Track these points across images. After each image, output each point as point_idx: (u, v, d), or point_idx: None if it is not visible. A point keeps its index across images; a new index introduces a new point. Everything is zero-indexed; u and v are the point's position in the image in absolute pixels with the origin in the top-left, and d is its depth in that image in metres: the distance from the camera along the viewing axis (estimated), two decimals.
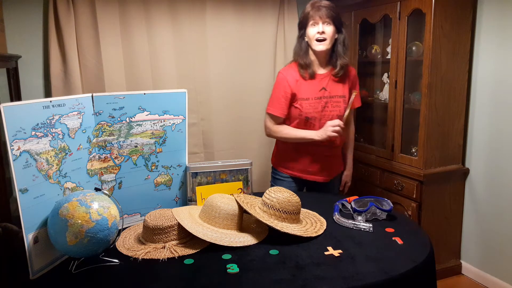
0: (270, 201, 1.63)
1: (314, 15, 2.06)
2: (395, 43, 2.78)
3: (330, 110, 2.16)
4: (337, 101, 2.17)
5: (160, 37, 2.88)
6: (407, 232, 1.65)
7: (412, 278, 1.37)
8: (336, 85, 2.17)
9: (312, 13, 2.06)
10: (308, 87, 2.14)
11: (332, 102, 2.16)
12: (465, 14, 2.61)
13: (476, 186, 2.78)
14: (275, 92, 2.18)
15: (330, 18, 2.06)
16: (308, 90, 2.13)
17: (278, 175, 2.33)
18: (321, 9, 2.05)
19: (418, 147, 2.72)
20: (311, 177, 2.27)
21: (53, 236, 1.37)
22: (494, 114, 2.63)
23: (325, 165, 2.26)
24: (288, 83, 2.13)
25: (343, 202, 1.90)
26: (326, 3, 2.08)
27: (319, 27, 2.06)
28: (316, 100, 2.13)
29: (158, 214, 1.60)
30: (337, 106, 2.17)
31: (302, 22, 2.14)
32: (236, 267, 1.38)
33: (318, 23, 2.06)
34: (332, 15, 2.06)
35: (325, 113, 2.15)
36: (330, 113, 2.16)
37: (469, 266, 2.89)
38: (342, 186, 2.45)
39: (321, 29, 2.05)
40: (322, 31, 2.05)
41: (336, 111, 2.16)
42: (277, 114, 2.16)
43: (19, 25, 2.60)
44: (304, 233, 1.59)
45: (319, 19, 2.05)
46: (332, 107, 2.16)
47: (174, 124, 1.86)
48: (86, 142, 1.63)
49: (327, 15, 2.05)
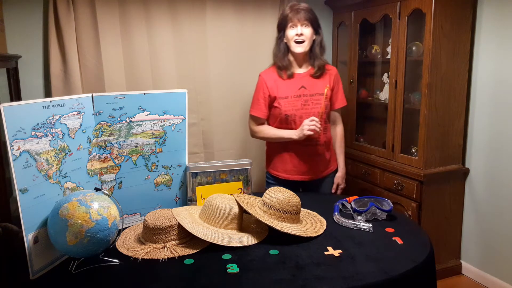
0: (270, 201, 1.63)
1: (293, 18, 2.12)
2: (395, 43, 2.78)
3: (311, 108, 2.19)
4: (318, 99, 2.19)
5: (160, 37, 2.88)
6: (407, 232, 1.65)
7: (412, 278, 1.37)
8: (315, 83, 2.21)
9: (291, 15, 2.13)
10: (287, 86, 2.19)
11: (313, 100, 2.19)
12: (465, 14, 2.61)
13: (476, 186, 2.78)
14: (255, 94, 2.26)
15: (308, 21, 2.12)
16: (287, 89, 2.18)
17: (270, 179, 2.35)
18: (299, 11, 2.12)
19: (418, 147, 2.72)
20: (298, 177, 2.28)
21: (53, 236, 1.37)
22: (494, 114, 2.63)
23: (311, 164, 2.27)
24: (266, 85, 2.20)
25: (343, 202, 1.91)
26: (304, 6, 2.15)
27: (298, 29, 2.12)
28: (295, 98, 2.17)
29: (158, 214, 1.60)
30: (318, 104, 2.19)
31: (281, 24, 2.20)
32: (236, 267, 1.38)
33: (296, 25, 2.12)
34: (310, 18, 2.13)
35: (305, 111, 2.18)
36: (311, 110, 2.18)
37: (469, 266, 2.89)
38: (334, 188, 2.40)
39: (300, 31, 2.12)
40: (301, 33, 2.12)
41: (317, 108, 2.19)
42: (257, 115, 2.24)
43: (19, 25, 2.60)
44: (304, 233, 1.59)
45: (298, 21, 2.12)
46: (313, 104, 2.19)
47: (174, 124, 1.86)
48: (86, 142, 1.63)
49: (305, 17, 2.12)
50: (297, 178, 2.28)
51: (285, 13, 2.16)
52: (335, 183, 2.40)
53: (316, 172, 2.30)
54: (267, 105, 2.22)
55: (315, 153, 2.26)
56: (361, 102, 3.31)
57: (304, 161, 2.25)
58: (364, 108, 3.40)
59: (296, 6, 2.14)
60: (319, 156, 2.28)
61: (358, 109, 3.29)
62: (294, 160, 2.25)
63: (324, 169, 2.33)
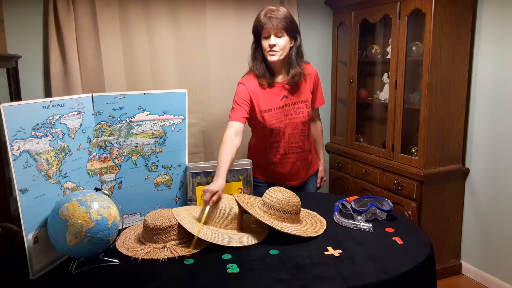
0: (270, 201, 1.63)
1: (266, 27, 1.96)
2: (395, 43, 2.78)
3: (293, 117, 2.11)
4: (300, 107, 2.12)
5: (160, 37, 2.88)
6: (407, 232, 1.65)
7: (412, 278, 1.37)
8: (297, 90, 2.11)
9: (264, 23, 1.97)
10: (269, 97, 2.08)
11: (295, 108, 2.11)
12: (465, 14, 2.61)
13: (476, 186, 2.78)
14: (234, 101, 2.07)
15: (282, 29, 1.97)
16: (269, 100, 2.08)
17: (256, 181, 2.28)
18: (272, 20, 1.95)
19: (418, 147, 2.72)
20: (285, 183, 2.23)
21: (53, 236, 1.37)
22: (494, 114, 2.63)
23: (296, 170, 2.23)
24: (248, 92, 2.06)
25: (343, 202, 1.91)
26: (278, 13, 1.98)
27: (271, 40, 1.97)
28: (279, 110, 2.09)
29: (158, 214, 1.60)
30: (300, 113, 2.12)
31: (255, 30, 2.05)
32: (236, 267, 1.38)
33: (270, 35, 1.98)
34: (284, 26, 1.96)
35: (289, 121, 2.11)
36: (294, 120, 2.11)
37: (469, 266, 2.89)
38: (318, 183, 2.40)
39: (273, 42, 1.98)
40: (274, 44, 1.98)
41: (299, 117, 2.12)
42: (236, 120, 2.01)
43: (19, 25, 2.60)
44: (304, 233, 1.59)
45: (271, 30, 1.96)
46: (295, 113, 2.11)
47: (174, 124, 1.86)
48: (86, 142, 1.63)
49: (279, 26, 1.95)
50: (285, 184, 2.23)
51: (259, 19, 2.00)
52: (319, 177, 2.39)
53: (303, 176, 2.29)
54: (248, 109, 2.05)
55: (300, 159, 2.22)
56: (361, 102, 3.31)
57: (291, 168, 2.20)
58: (364, 108, 3.40)
59: (269, 13, 1.97)
60: (303, 161, 2.24)
61: (358, 109, 3.28)
62: (277, 168, 2.20)
63: (307, 173, 2.31)
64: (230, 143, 1.91)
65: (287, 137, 2.13)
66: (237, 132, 1.99)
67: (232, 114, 2.05)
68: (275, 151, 2.16)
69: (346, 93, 3.34)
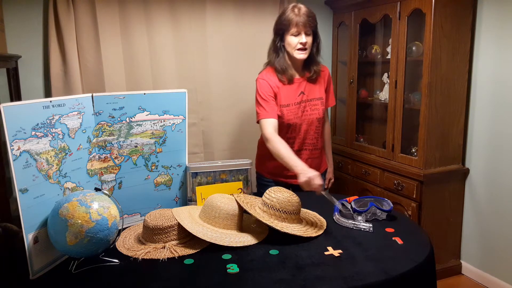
0: (270, 201, 1.63)
1: (298, 24, 1.98)
2: (395, 43, 2.78)
3: (309, 114, 2.16)
4: (315, 104, 2.17)
5: (160, 37, 2.88)
6: (407, 232, 1.65)
7: (412, 278, 1.37)
8: (313, 88, 2.17)
9: (296, 21, 1.99)
10: (288, 92, 2.12)
11: (311, 105, 2.16)
12: (465, 14, 2.61)
13: (476, 186, 2.78)
14: (260, 97, 2.09)
15: (312, 28, 2.02)
16: (288, 96, 2.12)
17: (263, 180, 2.31)
18: (303, 17, 1.98)
19: (418, 147, 2.72)
20: (294, 181, 2.22)
21: (53, 236, 1.37)
22: (494, 114, 2.63)
23: None
24: (271, 86, 2.09)
25: (343, 202, 1.90)
26: (307, 10, 2.01)
27: (302, 38, 2.00)
28: (296, 106, 2.13)
29: (158, 214, 1.60)
30: (315, 109, 2.17)
31: (281, 28, 2.06)
32: (236, 267, 1.38)
33: (300, 33, 2.00)
34: (314, 25, 2.03)
35: (304, 117, 2.15)
36: (309, 116, 2.16)
37: (469, 266, 2.89)
38: (326, 184, 2.41)
39: (304, 40, 2.00)
40: (305, 41, 2.01)
41: (314, 114, 2.17)
42: (271, 117, 2.07)
43: (19, 25, 2.60)
44: (304, 233, 1.59)
45: (302, 28, 1.99)
46: (311, 110, 2.16)
47: (174, 124, 1.86)
48: (86, 142, 1.63)
49: (310, 25, 2.00)
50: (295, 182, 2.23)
51: (288, 17, 2.01)
52: (327, 178, 2.41)
53: None
54: (276, 104, 2.10)
55: (312, 157, 2.24)
56: (361, 102, 3.31)
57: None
58: (364, 108, 3.40)
59: (297, 9, 2.01)
60: (314, 159, 2.26)
61: (358, 109, 3.29)
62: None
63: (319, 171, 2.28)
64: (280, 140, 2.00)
65: (302, 133, 2.17)
66: (275, 128, 2.06)
67: (263, 111, 2.07)
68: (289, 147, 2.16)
69: (346, 93, 3.34)
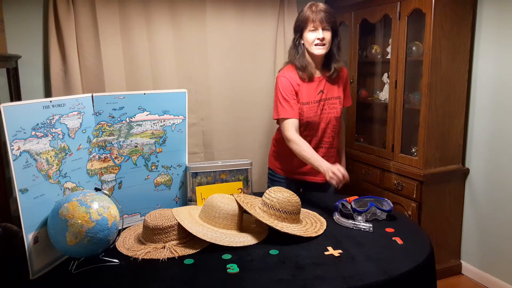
0: (270, 201, 1.63)
1: (314, 20, 2.02)
2: (395, 43, 2.78)
3: (327, 112, 2.16)
4: (333, 103, 2.17)
5: (160, 37, 2.88)
6: (407, 232, 1.65)
7: (412, 278, 1.37)
8: (332, 87, 2.17)
9: (312, 17, 2.02)
10: (308, 90, 2.13)
11: (329, 104, 2.16)
12: (465, 14, 2.61)
13: (476, 186, 2.78)
14: (281, 95, 2.09)
15: (329, 24, 2.04)
16: (308, 94, 2.13)
17: (275, 177, 2.32)
18: (320, 13, 2.01)
19: (418, 147, 2.71)
20: (309, 178, 2.25)
21: (53, 236, 1.37)
22: (494, 114, 2.63)
23: None
24: (292, 85, 2.10)
25: (343, 202, 1.90)
26: (324, 7, 2.05)
27: (319, 33, 2.02)
28: (315, 104, 2.14)
29: (158, 214, 1.60)
30: (334, 108, 2.17)
31: (300, 25, 2.10)
32: (236, 267, 1.38)
33: (317, 29, 2.03)
34: (332, 21, 2.04)
35: (323, 116, 2.16)
36: (327, 115, 2.16)
37: (469, 266, 2.89)
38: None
39: (321, 35, 2.02)
40: (323, 37, 2.03)
41: (333, 113, 2.17)
42: (293, 117, 2.07)
43: (19, 25, 2.60)
44: (304, 233, 1.59)
45: (319, 24, 2.02)
46: (329, 109, 2.16)
47: (174, 124, 1.86)
48: (86, 142, 1.63)
49: (327, 20, 2.02)
50: (309, 179, 2.25)
51: (306, 14, 2.05)
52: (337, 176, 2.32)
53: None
54: (297, 104, 2.10)
55: (327, 154, 2.22)
56: (361, 102, 3.31)
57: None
58: (364, 108, 3.40)
59: (315, 6, 2.04)
60: (330, 157, 2.23)
61: (358, 109, 3.29)
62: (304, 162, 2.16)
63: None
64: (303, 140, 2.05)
65: (320, 132, 2.17)
66: (297, 128, 2.09)
67: (284, 111, 2.09)
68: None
69: None
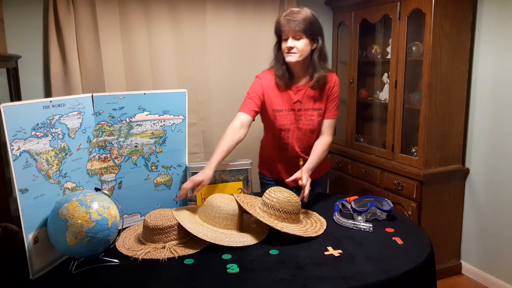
0: (270, 201, 1.63)
1: (286, 29, 1.94)
2: (395, 43, 2.78)
3: (303, 124, 2.09)
4: (311, 114, 2.08)
5: (160, 37, 2.88)
6: (407, 232, 1.65)
7: (412, 278, 1.37)
8: (312, 98, 2.08)
9: (284, 26, 1.95)
10: (282, 98, 2.07)
11: (306, 115, 2.08)
12: (465, 14, 2.61)
13: (476, 186, 2.78)
14: (247, 93, 2.08)
15: (300, 32, 1.93)
16: (282, 101, 2.07)
17: (265, 179, 2.30)
18: (290, 22, 1.93)
19: (418, 147, 2.72)
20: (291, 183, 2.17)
21: (53, 236, 1.37)
22: (494, 114, 2.63)
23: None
24: (262, 88, 2.06)
25: (343, 202, 1.91)
26: (298, 15, 1.94)
27: (289, 42, 1.95)
28: (290, 112, 2.08)
29: (158, 214, 1.60)
30: (310, 120, 2.09)
31: (276, 31, 2.04)
32: (236, 267, 1.38)
33: (288, 37, 1.96)
34: (302, 29, 1.93)
35: (297, 125, 2.09)
36: (303, 126, 2.09)
37: (469, 266, 2.89)
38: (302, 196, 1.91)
39: (291, 44, 1.95)
40: (292, 46, 1.95)
41: (309, 125, 2.09)
42: (245, 112, 2.01)
43: (19, 25, 2.60)
44: (304, 233, 1.59)
45: (289, 33, 1.94)
46: (306, 120, 2.09)
47: (174, 124, 1.86)
48: (86, 142, 1.63)
49: (298, 29, 1.92)
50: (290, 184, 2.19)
51: (278, 21, 2.00)
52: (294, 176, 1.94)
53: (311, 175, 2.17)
54: (258, 104, 2.05)
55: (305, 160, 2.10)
56: (361, 102, 3.31)
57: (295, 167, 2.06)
58: (364, 108, 3.40)
59: (288, 15, 1.95)
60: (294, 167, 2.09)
61: (358, 109, 3.29)
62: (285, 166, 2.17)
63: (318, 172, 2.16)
64: (231, 134, 1.93)
65: (295, 141, 2.12)
66: (243, 124, 1.99)
67: (242, 105, 2.06)
68: (283, 152, 2.15)
69: (346, 93, 3.34)
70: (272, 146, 2.19)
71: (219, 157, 1.84)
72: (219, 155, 1.85)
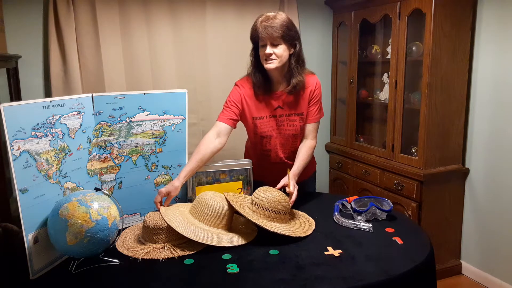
0: (259, 201, 1.62)
1: (262, 35, 1.87)
2: (395, 43, 2.78)
3: (285, 129, 2.04)
4: (293, 119, 2.03)
5: (160, 37, 2.88)
6: (407, 232, 1.65)
7: (412, 278, 1.37)
8: (293, 103, 2.03)
9: (260, 32, 1.88)
10: (263, 105, 2.02)
11: (288, 120, 2.03)
12: (465, 14, 2.61)
13: (476, 186, 2.78)
14: (226, 101, 2.04)
15: (278, 38, 1.87)
16: (263, 108, 2.02)
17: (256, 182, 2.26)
18: (268, 28, 1.85)
19: (418, 147, 2.72)
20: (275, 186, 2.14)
21: (53, 236, 1.37)
22: (494, 114, 2.63)
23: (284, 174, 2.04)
24: (241, 96, 2.01)
25: (343, 202, 1.91)
26: (275, 21, 1.87)
27: (267, 49, 1.88)
28: (271, 119, 2.03)
29: (158, 214, 1.60)
30: (293, 125, 2.04)
31: (252, 37, 1.96)
32: (236, 267, 1.38)
33: (266, 44, 1.89)
34: (281, 35, 1.86)
35: (280, 131, 2.05)
36: (285, 131, 2.04)
37: (469, 266, 2.89)
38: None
39: (269, 51, 1.89)
40: (270, 53, 1.89)
41: (291, 130, 2.04)
42: (222, 121, 1.97)
43: (19, 25, 2.60)
44: (293, 233, 1.59)
45: (267, 39, 1.87)
46: (288, 125, 2.04)
47: (174, 124, 1.86)
48: (86, 142, 1.63)
49: (276, 35, 1.86)
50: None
51: (255, 27, 1.91)
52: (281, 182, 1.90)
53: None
54: (237, 112, 2.00)
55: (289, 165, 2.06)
56: (361, 102, 3.31)
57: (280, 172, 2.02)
58: (364, 108, 3.40)
59: (265, 22, 1.87)
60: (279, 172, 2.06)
61: (358, 109, 3.29)
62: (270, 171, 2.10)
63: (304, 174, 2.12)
64: (204, 144, 1.89)
65: (277, 147, 2.07)
66: (220, 133, 1.95)
67: (220, 115, 2.00)
68: (266, 158, 2.11)
69: (346, 93, 3.34)
70: (254, 152, 2.15)
71: (188, 167, 1.80)
72: (190, 165, 1.81)
